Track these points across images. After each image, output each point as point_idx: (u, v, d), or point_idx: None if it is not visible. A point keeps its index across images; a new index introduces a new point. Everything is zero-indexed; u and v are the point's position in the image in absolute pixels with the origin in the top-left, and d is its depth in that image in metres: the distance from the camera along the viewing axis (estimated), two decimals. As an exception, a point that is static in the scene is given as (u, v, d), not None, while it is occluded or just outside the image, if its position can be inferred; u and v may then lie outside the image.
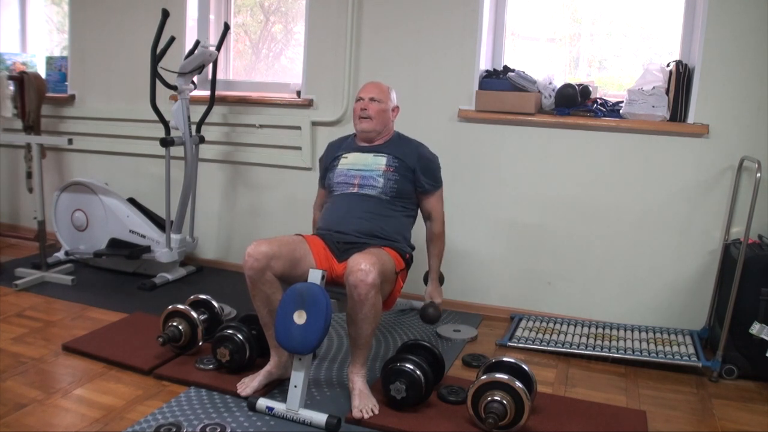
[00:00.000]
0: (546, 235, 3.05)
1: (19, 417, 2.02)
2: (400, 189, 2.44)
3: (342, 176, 2.49)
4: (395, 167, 2.45)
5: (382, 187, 2.42)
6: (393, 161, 2.46)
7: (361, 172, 2.46)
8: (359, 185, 2.44)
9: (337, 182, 2.49)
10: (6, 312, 2.90)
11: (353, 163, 2.50)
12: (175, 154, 3.37)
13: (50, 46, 4.45)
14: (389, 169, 2.45)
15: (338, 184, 2.49)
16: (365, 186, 2.43)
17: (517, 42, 3.36)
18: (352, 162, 2.50)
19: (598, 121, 2.91)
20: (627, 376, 2.53)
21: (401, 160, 2.47)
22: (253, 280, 2.13)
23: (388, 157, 2.48)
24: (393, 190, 2.42)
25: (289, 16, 3.86)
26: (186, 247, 3.49)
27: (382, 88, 2.53)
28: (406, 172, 2.46)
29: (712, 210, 2.80)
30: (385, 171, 2.44)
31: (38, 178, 3.33)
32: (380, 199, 2.42)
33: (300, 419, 2.04)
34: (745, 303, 2.44)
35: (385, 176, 2.44)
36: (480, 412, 1.99)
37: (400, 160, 2.47)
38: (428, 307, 2.50)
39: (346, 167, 2.50)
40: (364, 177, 2.45)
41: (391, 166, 2.45)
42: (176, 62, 3.24)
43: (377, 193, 2.42)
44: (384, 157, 2.48)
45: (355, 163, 2.50)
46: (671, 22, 3.05)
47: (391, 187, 2.42)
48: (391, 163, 2.46)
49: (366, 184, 2.44)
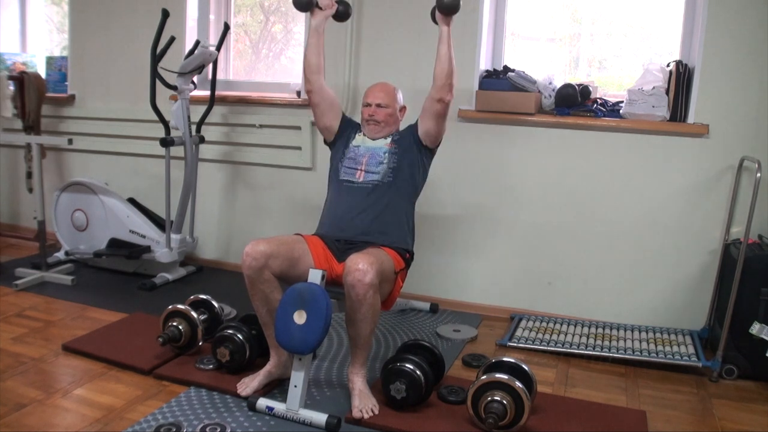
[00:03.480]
0: (546, 235, 3.05)
1: (19, 417, 2.02)
2: (400, 161, 2.45)
3: (352, 153, 2.51)
4: (397, 141, 2.50)
5: (386, 164, 2.44)
6: (395, 136, 2.53)
7: (369, 150, 2.50)
8: (365, 170, 2.45)
9: (347, 159, 2.51)
10: (6, 312, 2.91)
11: (362, 142, 2.54)
12: (175, 154, 3.37)
13: (50, 46, 4.45)
14: (392, 144, 2.49)
15: (346, 168, 2.50)
16: (371, 167, 2.45)
17: (517, 42, 3.36)
18: (360, 141, 2.55)
19: (598, 121, 2.91)
20: (627, 376, 2.53)
21: (401, 133, 2.54)
22: (251, 279, 2.13)
23: (391, 136, 2.53)
24: (394, 164, 2.44)
25: (289, 16, 3.86)
26: (186, 247, 3.50)
27: (388, 91, 2.54)
28: (407, 143, 2.50)
29: (712, 210, 2.80)
30: (389, 146, 2.49)
31: (38, 178, 3.33)
32: (382, 188, 2.42)
33: (300, 419, 2.04)
34: (745, 303, 2.44)
35: (390, 151, 2.47)
36: (480, 412, 1.99)
37: (401, 133, 2.54)
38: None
39: (356, 144, 2.54)
40: (372, 155, 2.48)
41: (394, 142, 2.50)
42: (176, 62, 3.24)
43: (380, 177, 2.43)
44: (388, 137, 2.53)
45: (365, 141, 2.54)
46: (671, 22, 3.05)
47: (394, 162, 2.45)
48: (393, 139, 2.51)
49: (372, 163, 2.46)
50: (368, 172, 2.45)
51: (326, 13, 2.55)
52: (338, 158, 2.54)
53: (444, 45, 2.42)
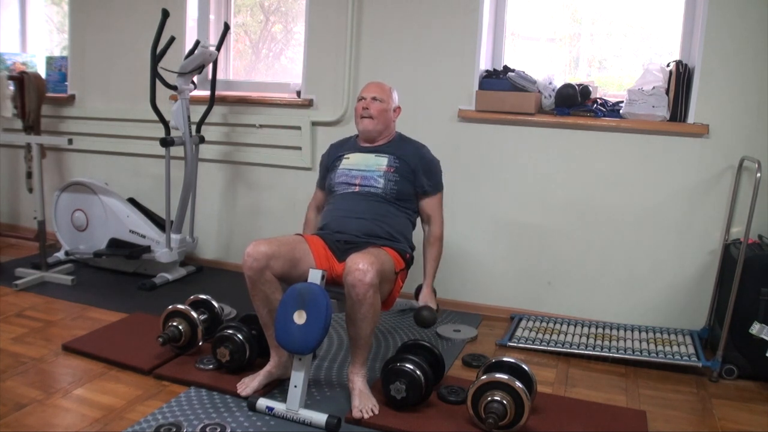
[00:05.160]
0: (546, 235, 3.05)
1: (19, 417, 2.02)
2: (401, 190, 2.43)
3: (343, 176, 2.48)
4: (396, 167, 2.45)
5: (382, 188, 2.42)
6: (394, 161, 2.46)
7: (362, 172, 2.46)
8: (360, 185, 2.44)
9: (338, 182, 2.49)
10: (6, 312, 2.90)
11: (355, 164, 2.49)
12: (175, 154, 3.37)
13: (50, 46, 4.45)
14: (390, 170, 2.44)
15: (339, 184, 2.48)
16: (366, 186, 2.43)
17: (517, 42, 3.36)
18: (353, 162, 2.50)
19: (598, 121, 2.91)
20: (627, 376, 2.53)
21: (402, 161, 2.46)
22: (252, 280, 2.13)
23: (389, 157, 2.47)
24: (393, 191, 2.42)
25: (289, 16, 3.86)
26: (186, 247, 3.50)
27: (383, 88, 2.53)
28: (407, 173, 2.45)
29: (712, 210, 2.80)
30: (386, 171, 2.44)
31: (38, 178, 3.33)
32: (381, 199, 2.42)
33: (300, 419, 2.04)
34: (745, 303, 2.44)
35: (386, 177, 2.43)
36: (480, 412, 1.99)
37: (402, 160, 2.46)
38: (423, 310, 2.32)
39: (347, 167, 2.50)
40: (366, 177, 2.45)
41: (392, 167, 2.45)
42: (176, 62, 3.24)
43: (378, 192, 2.42)
44: (385, 158, 2.47)
45: (357, 163, 2.49)
46: (671, 22, 3.05)
47: (392, 188, 2.42)
48: (392, 164, 2.45)
49: (367, 184, 2.43)
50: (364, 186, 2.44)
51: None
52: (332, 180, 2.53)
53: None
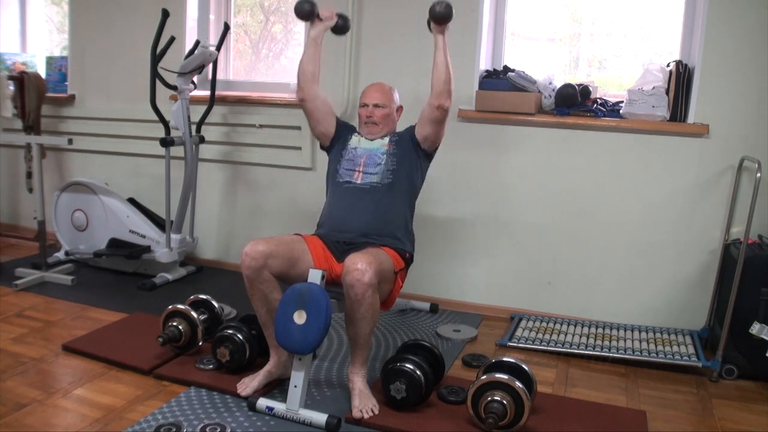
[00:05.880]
0: (546, 235, 3.05)
1: (19, 417, 2.02)
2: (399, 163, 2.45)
3: (350, 154, 2.52)
4: (395, 141, 2.51)
5: (384, 165, 2.45)
6: (393, 137, 2.53)
7: (367, 151, 2.51)
8: (363, 171, 2.46)
9: (346, 159, 2.51)
10: (6, 312, 2.91)
11: (359, 144, 2.54)
12: (175, 154, 3.37)
13: (50, 46, 4.45)
14: (391, 146, 2.49)
15: (345, 170, 2.50)
16: (369, 168, 2.45)
17: (517, 42, 3.36)
18: (357, 142, 2.55)
19: (598, 121, 2.91)
20: (627, 376, 2.53)
21: (399, 135, 2.54)
22: (250, 279, 2.13)
23: (389, 137, 2.54)
24: (393, 166, 2.44)
25: (289, 16, 3.85)
26: (186, 247, 3.49)
27: (385, 91, 2.55)
28: (404, 143, 2.50)
29: (712, 210, 2.80)
30: (388, 147, 2.49)
31: (38, 178, 3.33)
32: (381, 190, 2.42)
33: (300, 419, 2.04)
34: (745, 303, 2.44)
35: (388, 153, 2.48)
36: (480, 412, 1.99)
37: (399, 135, 2.54)
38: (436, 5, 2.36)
39: (353, 146, 2.54)
40: (370, 156, 2.48)
41: (393, 142, 2.51)
42: (176, 62, 3.24)
43: (378, 179, 2.43)
44: (386, 137, 2.54)
45: (362, 143, 2.55)
46: (671, 22, 3.05)
47: (393, 164, 2.45)
48: (392, 140, 2.52)
49: (370, 163, 2.46)
50: (366, 173, 2.45)
51: (326, 24, 2.54)
52: (336, 160, 2.54)
53: (440, 53, 2.42)
